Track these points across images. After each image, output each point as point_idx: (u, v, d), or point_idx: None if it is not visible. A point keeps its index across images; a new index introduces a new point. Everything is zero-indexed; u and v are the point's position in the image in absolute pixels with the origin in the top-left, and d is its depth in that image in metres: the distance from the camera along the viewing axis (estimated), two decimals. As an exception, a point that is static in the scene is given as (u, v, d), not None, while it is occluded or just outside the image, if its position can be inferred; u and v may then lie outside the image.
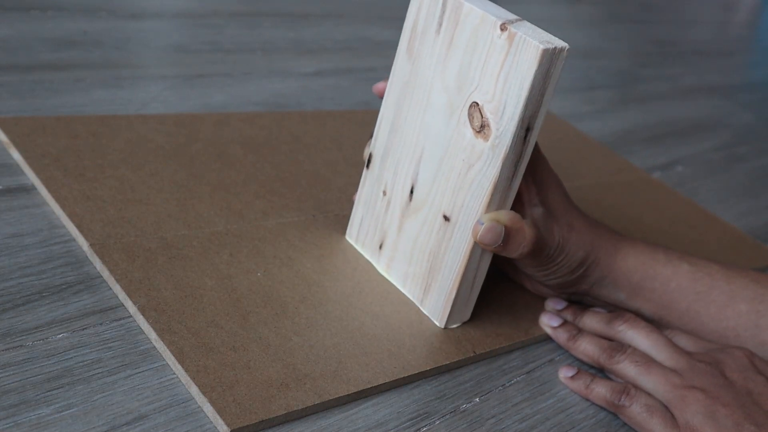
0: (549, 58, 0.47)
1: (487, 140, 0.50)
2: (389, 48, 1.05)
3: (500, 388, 0.54)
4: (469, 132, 0.52)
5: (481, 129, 0.51)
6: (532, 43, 0.47)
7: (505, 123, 0.49)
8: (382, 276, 0.60)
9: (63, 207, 0.56)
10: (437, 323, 0.57)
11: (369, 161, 0.59)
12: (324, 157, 0.73)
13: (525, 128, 0.49)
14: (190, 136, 0.69)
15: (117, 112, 0.71)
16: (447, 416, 0.50)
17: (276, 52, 0.94)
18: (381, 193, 0.59)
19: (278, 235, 0.60)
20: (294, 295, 0.55)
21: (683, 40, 1.64)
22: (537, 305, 0.62)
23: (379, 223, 0.59)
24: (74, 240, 0.54)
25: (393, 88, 0.56)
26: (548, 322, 0.59)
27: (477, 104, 0.51)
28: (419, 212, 0.56)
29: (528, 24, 0.49)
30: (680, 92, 1.27)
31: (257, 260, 0.57)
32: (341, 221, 0.64)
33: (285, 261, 0.58)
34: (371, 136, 0.59)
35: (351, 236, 0.62)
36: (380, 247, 0.60)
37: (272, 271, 0.56)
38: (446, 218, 0.54)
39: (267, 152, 0.70)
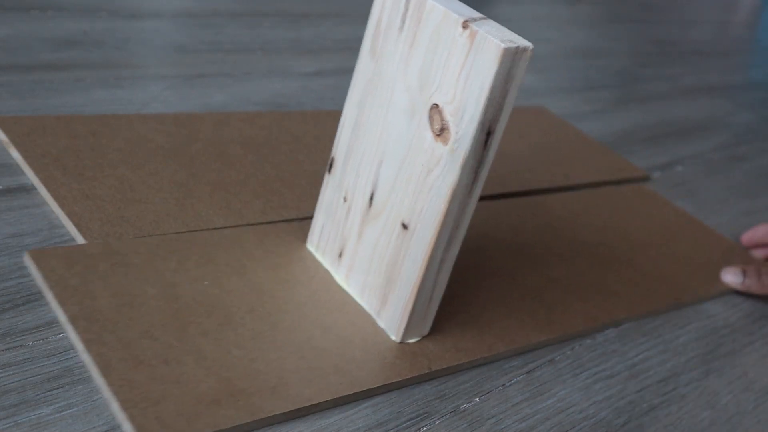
0: (511, 57, 0.45)
1: (447, 144, 0.48)
2: (389, 48, 1.05)
3: (500, 388, 0.54)
4: (429, 135, 0.49)
5: (441, 132, 0.48)
6: (493, 41, 0.44)
7: (464, 126, 0.47)
8: (341, 286, 0.57)
9: (62, 206, 0.56)
10: (393, 337, 0.53)
11: (331, 165, 0.56)
12: (324, 157, 0.72)
13: (486, 132, 0.47)
14: (190, 136, 0.69)
15: (117, 112, 0.71)
16: (447, 416, 0.50)
17: (276, 52, 0.94)
18: (342, 199, 0.56)
19: (234, 241, 0.58)
20: (241, 305, 0.52)
21: (683, 40, 1.64)
22: (504, 320, 0.59)
23: (339, 230, 0.56)
24: (74, 240, 0.54)
25: (356, 89, 0.54)
26: (733, 279, 0.72)
27: (437, 106, 0.48)
28: (378, 219, 0.53)
29: (493, 23, 0.47)
30: (680, 92, 1.27)
31: (207, 268, 0.54)
32: (306, 228, 0.61)
33: (237, 269, 0.55)
34: None
35: (312, 244, 0.59)
36: (340, 255, 0.57)
37: (221, 280, 0.53)
38: (404, 226, 0.51)
39: (267, 152, 0.70)
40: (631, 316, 0.65)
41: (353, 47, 1.02)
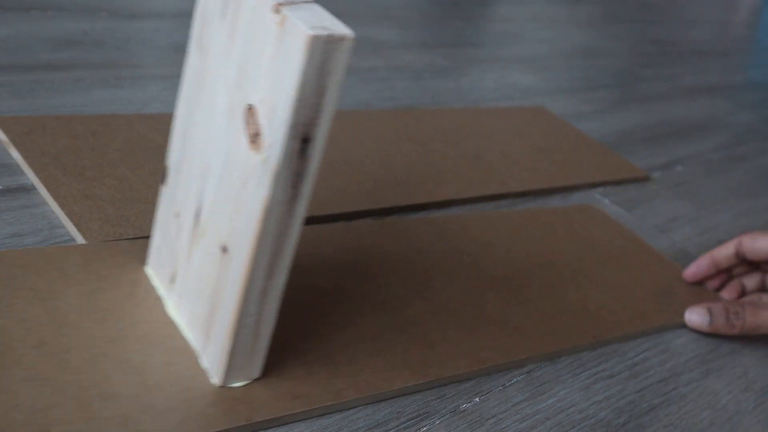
0: (323, 48, 0.37)
1: (260, 152, 0.40)
2: (389, 48, 1.05)
3: (500, 388, 0.54)
4: (244, 142, 0.41)
5: (255, 138, 0.40)
6: (301, 28, 0.36)
7: (275, 131, 0.39)
8: (171, 317, 0.48)
9: (62, 206, 0.56)
10: (215, 380, 0.45)
11: (164, 175, 0.49)
12: (328, 158, 0.72)
13: (301, 139, 0.39)
14: (189, 135, 0.69)
15: (117, 112, 0.71)
16: (447, 416, 0.50)
17: (276, 52, 0.94)
18: (174, 215, 0.48)
19: (52, 261, 0.49)
20: (29, 339, 0.43)
21: (683, 40, 1.64)
22: (367, 360, 0.50)
23: (172, 251, 0.48)
24: (74, 239, 0.54)
25: (185, 88, 0.46)
26: (699, 320, 0.65)
27: (252, 107, 0.41)
28: (203, 239, 0.45)
29: (317, 7, 0.39)
30: (680, 92, 1.27)
31: (4, 293, 0.46)
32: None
33: (43, 295, 0.46)
34: None
35: (151, 265, 0.51)
36: (172, 280, 0.48)
37: (16, 308, 0.45)
38: (224, 249, 0.43)
39: (266, 152, 0.70)
40: (530, 358, 0.56)
41: (356, 47, 1.02)
